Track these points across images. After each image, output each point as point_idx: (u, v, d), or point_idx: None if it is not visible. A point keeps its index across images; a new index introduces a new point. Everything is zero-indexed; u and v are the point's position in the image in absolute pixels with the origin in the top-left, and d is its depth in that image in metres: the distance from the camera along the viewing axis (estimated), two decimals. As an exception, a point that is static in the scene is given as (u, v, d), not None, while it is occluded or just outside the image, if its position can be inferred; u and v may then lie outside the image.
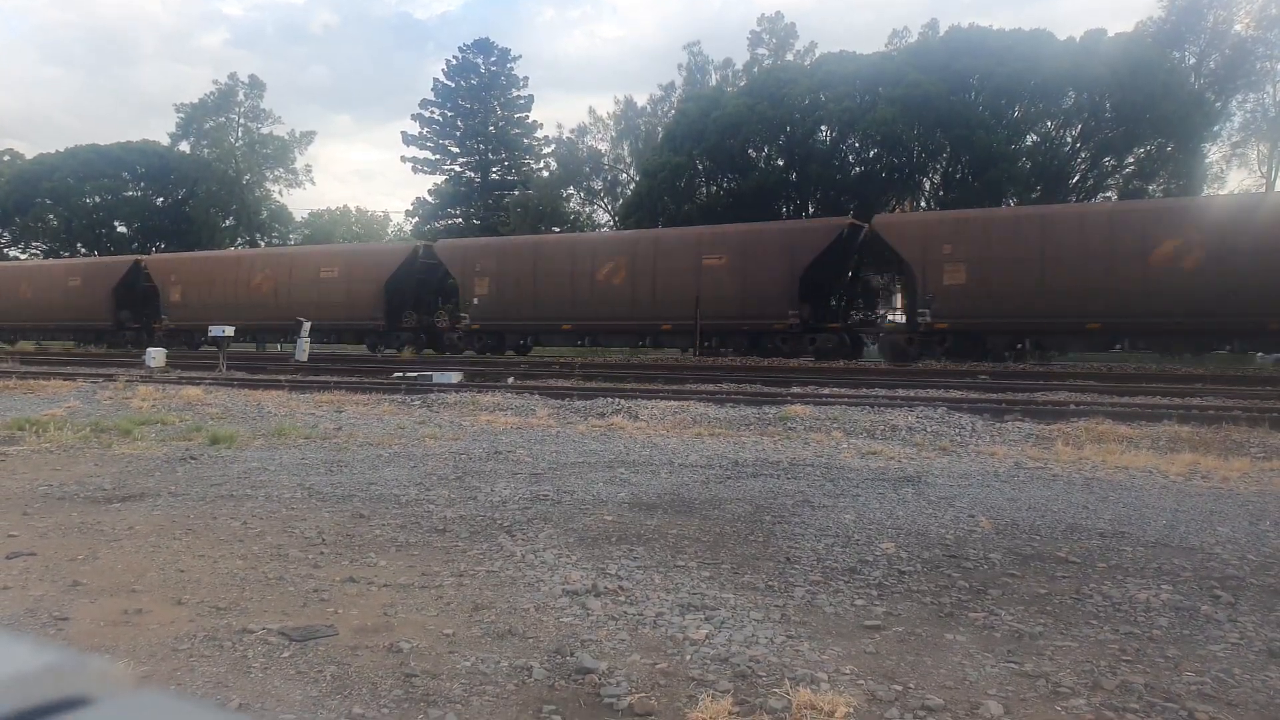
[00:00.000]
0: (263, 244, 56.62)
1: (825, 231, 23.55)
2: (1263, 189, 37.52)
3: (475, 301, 26.68)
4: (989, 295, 20.38)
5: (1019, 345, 21.30)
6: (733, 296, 23.42)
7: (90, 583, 3.99)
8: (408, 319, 28.81)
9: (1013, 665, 3.08)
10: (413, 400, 12.86)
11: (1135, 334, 20.10)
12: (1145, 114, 32.74)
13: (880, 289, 28.34)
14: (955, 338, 21.16)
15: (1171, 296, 18.60)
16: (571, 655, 3.13)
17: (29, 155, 60.70)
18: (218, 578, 4.08)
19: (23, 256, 55.66)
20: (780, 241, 23.68)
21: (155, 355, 20.25)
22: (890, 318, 27.17)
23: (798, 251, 22.98)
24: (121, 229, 57.90)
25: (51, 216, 56.92)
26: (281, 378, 16.44)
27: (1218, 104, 37.04)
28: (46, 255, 53.70)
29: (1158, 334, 19.86)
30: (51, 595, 3.81)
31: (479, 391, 13.68)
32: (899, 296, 28.10)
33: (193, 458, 7.62)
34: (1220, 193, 31.71)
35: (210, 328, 21.57)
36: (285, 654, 3.15)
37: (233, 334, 21.65)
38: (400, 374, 17.50)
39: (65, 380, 16.27)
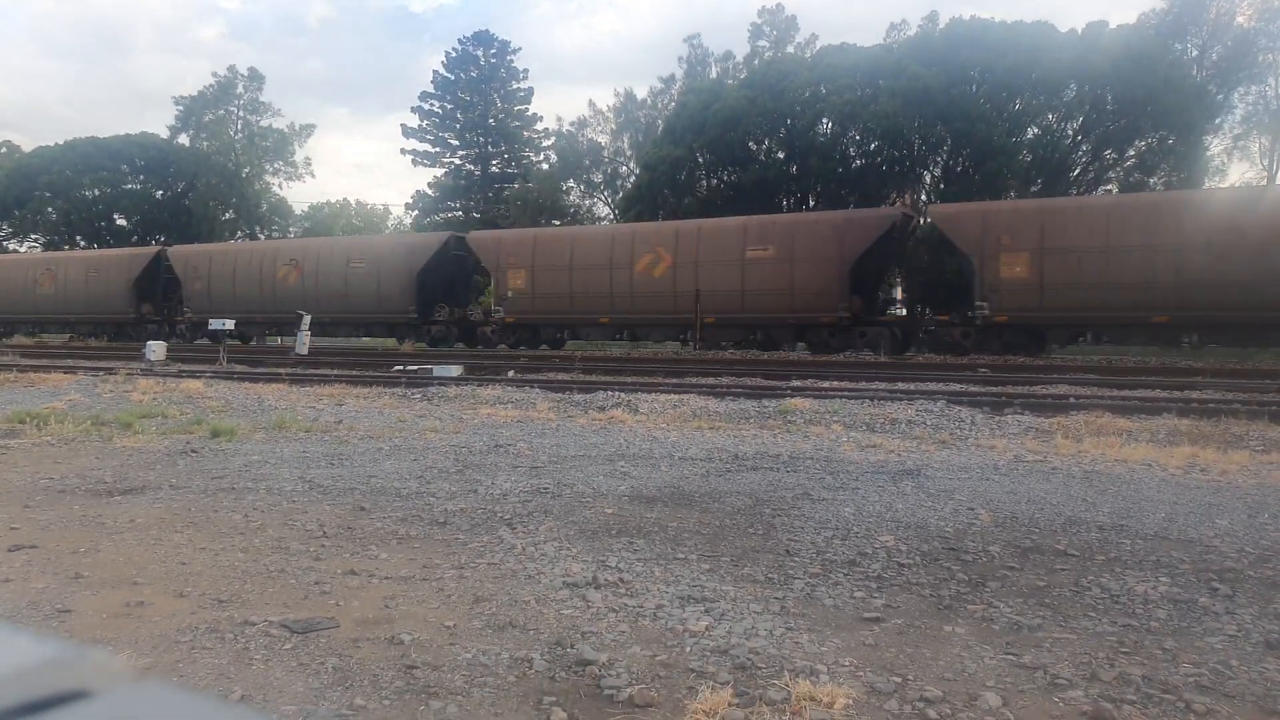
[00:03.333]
0: (262, 236, 56.55)
1: (877, 222, 22.83)
2: (1264, 182, 37.47)
3: (509, 294, 25.80)
4: (1050, 287, 19.88)
5: (1081, 338, 20.94)
6: (780, 290, 22.78)
7: (92, 575, 4.00)
8: (440, 312, 27.96)
9: (1011, 657, 3.09)
10: (413, 393, 12.87)
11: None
12: (1147, 106, 32.66)
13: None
14: (1013, 331, 20.79)
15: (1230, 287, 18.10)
16: (572, 647, 3.14)
17: (27, 148, 60.69)
18: (219, 570, 4.09)
19: (22, 249, 55.58)
20: (830, 232, 22.88)
21: (155, 348, 20.23)
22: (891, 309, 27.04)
23: (848, 242, 22.23)
24: (121, 222, 57.80)
25: (51, 209, 56.81)
26: (282, 371, 16.45)
27: (1219, 96, 36.94)
28: (46, 248, 53.59)
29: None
30: (53, 588, 3.82)
31: (479, 385, 13.69)
32: (898, 289, 28.05)
33: (193, 451, 7.63)
34: (1223, 185, 31.39)
35: (210, 321, 21.59)
36: (287, 646, 3.16)
37: (233, 328, 21.67)
38: (401, 367, 17.50)
39: (65, 373, 16.27)
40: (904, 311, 25.84)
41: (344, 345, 29.60)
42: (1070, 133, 36.64)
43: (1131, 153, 36.11)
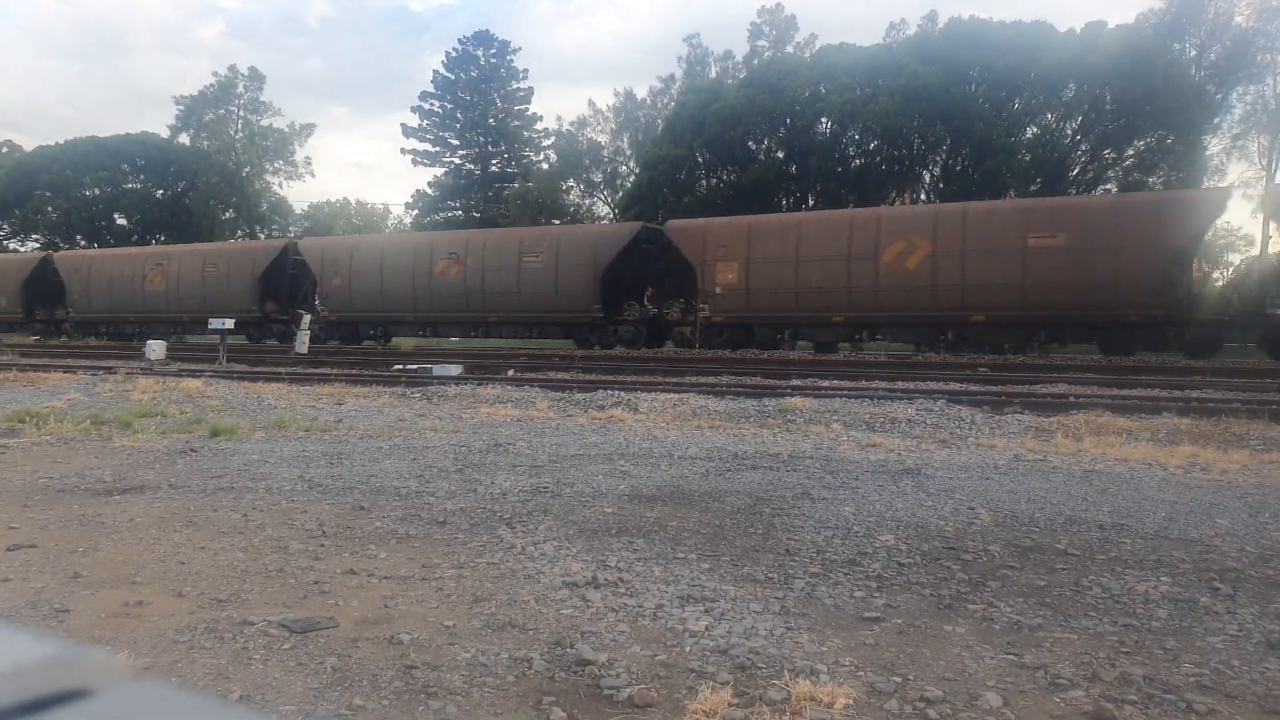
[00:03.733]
0: (262, 236, 56.53)
1: (621, 236, 25.37)
2: (1263, 181, 37.49)
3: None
4: (755, 292, 22.92)
5: (779, 336, 23.22)
6: (548, 293, 24.91)
7: (91, 575, 4.00)
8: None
9: (1012, 657, 3.09)
10: (413, 393, 12.87)
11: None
12: (1145, 106, 32.68)
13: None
14: (730, 329, 23.45)
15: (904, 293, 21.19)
16: (571, 647, 3.13)
17: (28, 147, 60.69)
18: (218, 570, 4.09)
19: (22, 249, 55.54)
20: (587, 244, 25.33)
21: (155, 348, 20.23)
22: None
23: (600, 252, 24.83)
24: (121, 221, 57.82)
25: (51, 209, 56.81)
26: (281, 370, 16.45)
27: (1218, 96, 36.98)
28: (45, 248, 53.54)
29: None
30: (52, 587, 3.82)
31: (479, 384, 13.68)
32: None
33: (193, 450, 7.63)
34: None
35: (210, 320, 21.58)
36: (286, 646, 3.16)
37: (232, 326, 21.67)
38: (400, 366, 17.50)
39: (65, 372, 16.26)
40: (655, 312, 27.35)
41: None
42: (1069, 132, 36.68)
43: (1130, 152, 36.15)
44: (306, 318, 23.31)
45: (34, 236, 58.61)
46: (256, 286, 30.15)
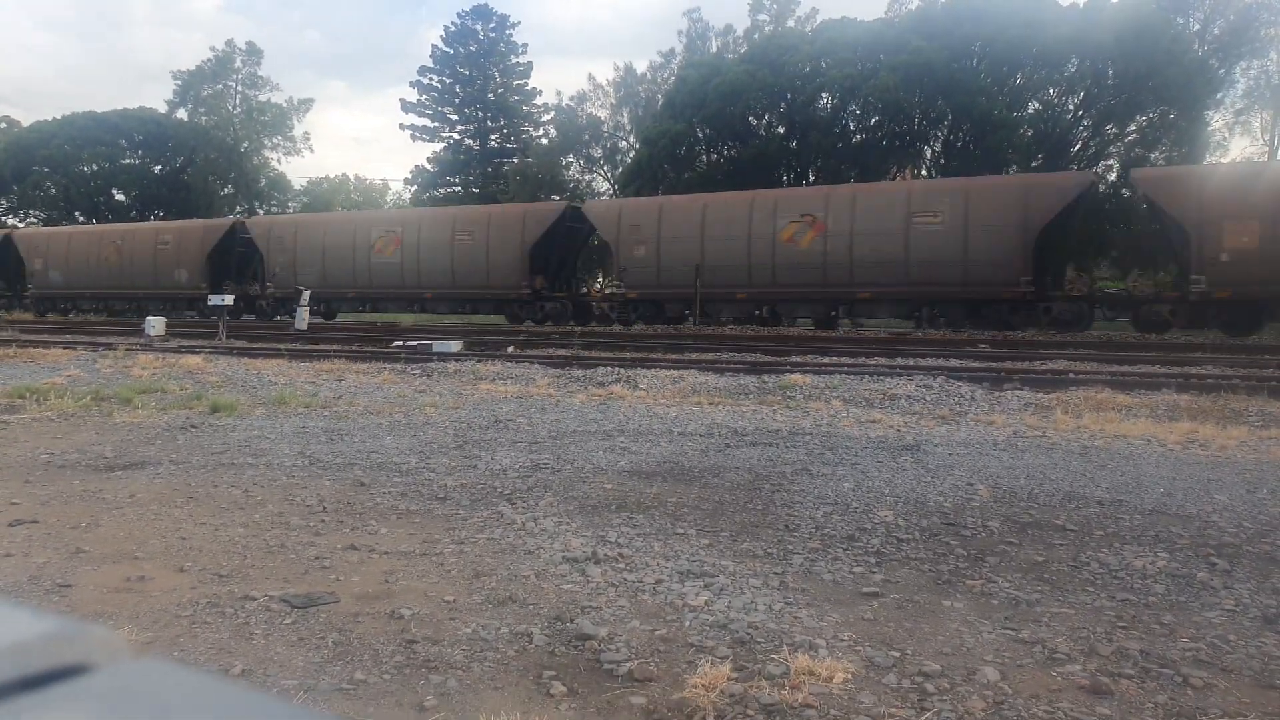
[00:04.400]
0: (261, 212, 56.28)
1: (545, 215, 25.61)
2: (1265, 157, 37.28)
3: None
4: (665, 269, 23.81)
5: (686, 312, 24.26)
6: (479, 269, 25.66)
7: (93, 550, 4.01)
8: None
9: (1009, 632, 3.11)
10: (413, 369, 12.87)
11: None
12: (1148, 81, 32.40)
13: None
14: (643, 304, 24.55)
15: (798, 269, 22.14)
16: (571, 622, 3.15)
17: (25, 123, 60.22)
18: (219, 545, 4.10)
19: (21, 225, 55.32)
20: (515, 223, 25.96)
21: (155, 324, 20.22)
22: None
23: (528, 229, 25.40)
24: (120, 197, 57.54)
25: (49, 184, 56.51)
26: (281, 346, 16.44)
27: (1221, 71, 36.65)
28: (45, 224, 53.31)
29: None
30: (54, 563, 3.83)
31: (479, 360, 13.68)
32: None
33: (193, 426, 7.64)
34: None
35: (209, 297, 21.54)
36: (287, 621, 3.17)
37: (232, 303, 21.62)
38: (400, 343, 17.49)
39: (65, 349, 16.26)
40: (585, 290, 28.83)
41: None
42: (1071, 107, 36.40)
43: (1133, 128, 35.88)
44: (306, 294, 23.25)
45: (32, 212, 58.36)
46: (205, 264, 30.93)
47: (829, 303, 22.73)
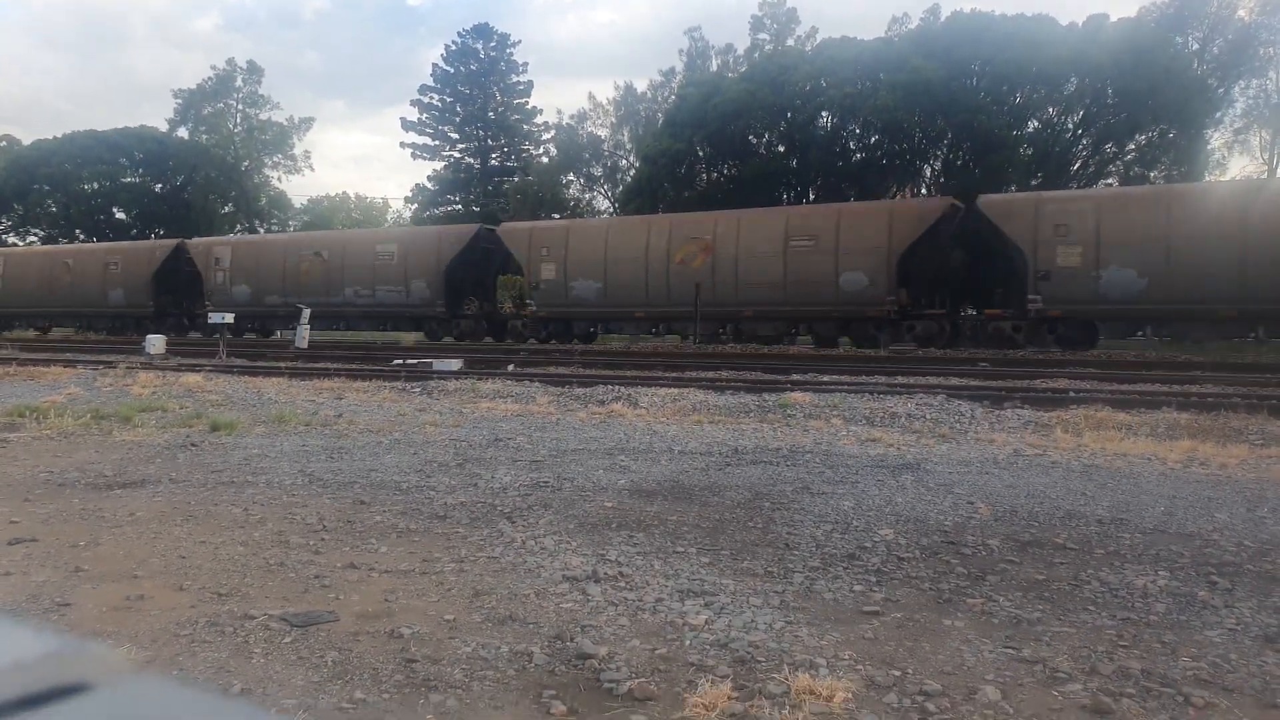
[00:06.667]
0: (261, 230, 56.46)
1: (459, 237, 27.25)
2: (1264, 175, 37.42)
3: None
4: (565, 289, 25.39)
5: (592, 329, 26.45)
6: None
7: (92, 569, 4.01)
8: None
9: (1010, 651, 3.10)
10: (413, 387, 12.87)
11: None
12: (1147, 100, 32.60)
13: None
14: (552, 323, 26.02)
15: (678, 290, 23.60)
16: (572, 641, 3.14)
17: (26, 141, 60.55)
18: (219, 564, 4.10)
19: (21, 244, 55.50)
20: (432, 245, 27.77)
21: (154, 342, 20.24)
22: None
23: (444, 250, 27.36)
24: (120, 215, 57.75)
25: (50, 203, 56.73)
26: (282, 365, 16.44)
27: (1220, 90, 36.88)
28: (45, 242, 53.49)
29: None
30: (54, 581, 3.83)
31: (479, 379, 13.68)
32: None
33: (193, 444, 7.63)
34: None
35: (210, 314, 21.58)
36: (287, 640, 3.17)
37: (232, 320, 21.67)
38: (400, 361, 17.50)
39: (65, 367, 16.26)
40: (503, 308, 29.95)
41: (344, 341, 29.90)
42: (1071, 126, 36.59)
43: (1132, 146, 36.07)
44: (306, 312, 23.29)
45: (34, 230, 58.55)
46: (151, 283, 32.52)
47: (719, 320, 23.89)
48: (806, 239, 22.33)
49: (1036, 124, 36.38)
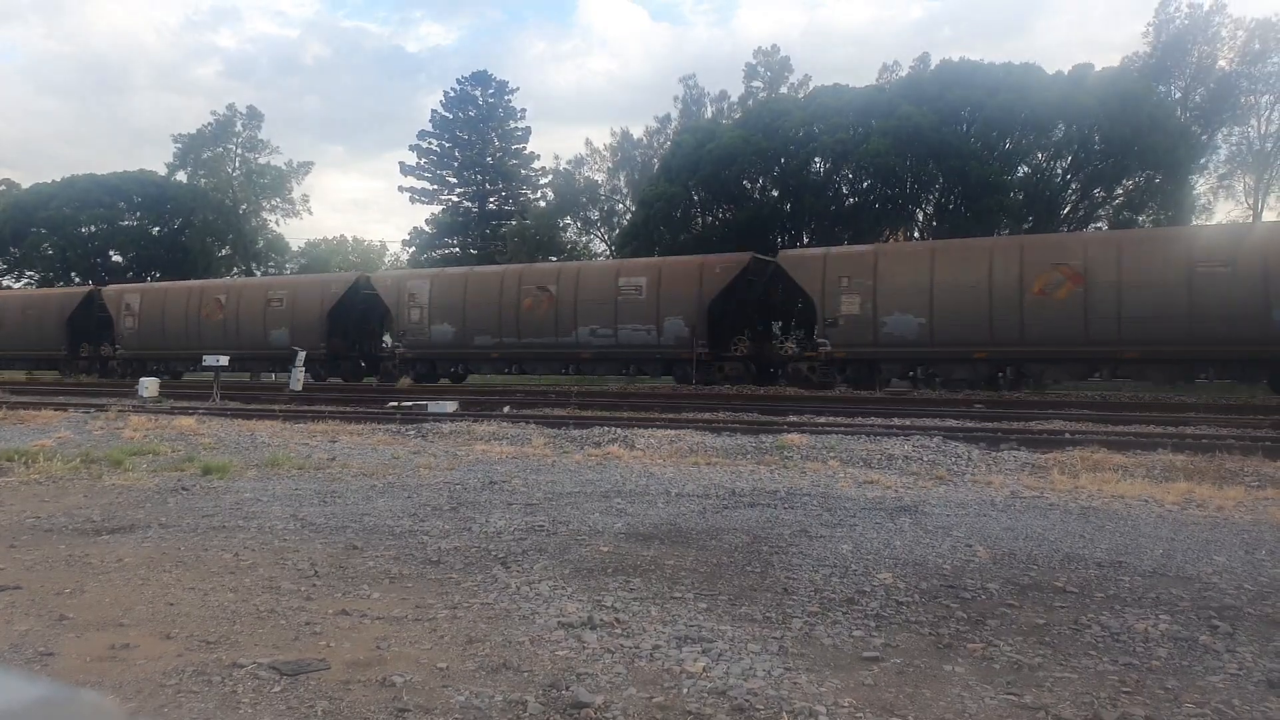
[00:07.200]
0: (259, 273, 56.65)
1: (341, 285, 29.56)
2: (1250, 219, 37.93)
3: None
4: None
5: (453, 369, 28.40)
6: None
7: (77, 617, 3.94)
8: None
9: (1012, 697, 3.05)
10: (407, 430, 12.81)
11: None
12: (1133, 146, 33.14)
13: None
14: (420, 363, 28.23)
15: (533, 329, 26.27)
16: (567, 689, 3.09)
17: (25, 184, 60.96)
18: (208, 611, 4.03)
19: (16, 286, 55.58)
20: (317, 292, 30.42)
21: (148, 385, 20.17)
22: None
23: (326, 299, 29.68)
24: (117, 258, 57.94)
25: (47, 246, 56.92)
26: (275, 407, 16.38)
27: (1203, 137, 37.54)
28: (41, 284, 53.53)
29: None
30: (37, 630, 3.76)
31: (474, 421, 13.64)
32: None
33: (184, 488, 7.57)
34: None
35: (205, 357, 21.54)
36: (276, 689, 3.10)
37: (227, 363, 21.62)
38: (395, 404, 17.45)
39: (56, 410, 16.18)
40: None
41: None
42: (1060, 171, 37.12)
43: (1120, 191, 36.56)
44: (301, 354, 23.27)
45: (29, 273, 58.65)
46: (65, 327, 34.35)
47: (563, 361, 26.49)
48: (633, 289, 25.06)
49: (1026, 169, 36.90)
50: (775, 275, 24.91)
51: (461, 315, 27.34)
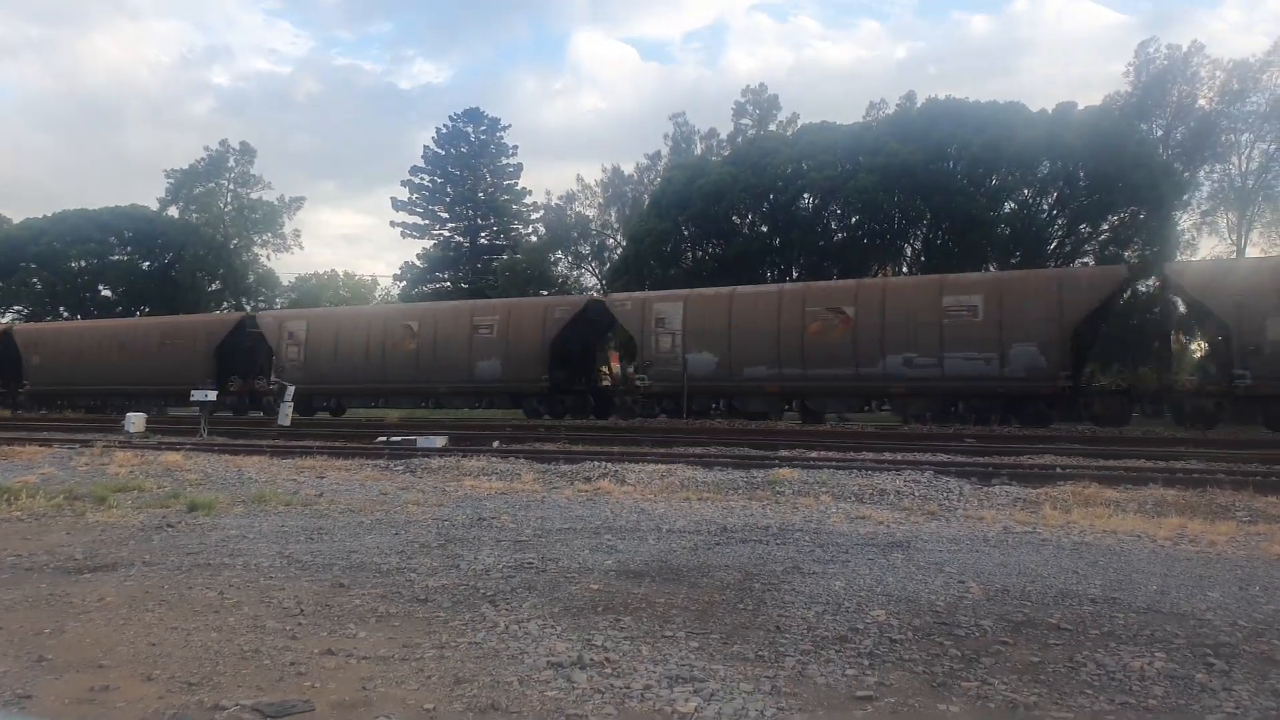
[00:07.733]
0: (249, 308, 56.54)
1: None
2: (1234, 255, 38.39)
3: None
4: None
5: (326, 404, 30.21)
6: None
7: (56, 658, 3.86)
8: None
9: (1009, 738, 3.00)
10: (396, 465, 12.72)
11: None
12: (1117, 183, 33.60)
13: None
14: (321, 396, 29.81)
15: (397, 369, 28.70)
16: (556, 731, 3.03)
17: (16, 219, 60.83)
18: (190, 651, 3.96)
19: (4, 320, 55.27)
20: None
21: (134, 420, 19.99)
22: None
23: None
24: (106, 293, 57.76)
25: (36, 280, 56.74)
26: (263, 443, 16.25)
27: (1185, 174, 38.08)
28: (29, 319, 53.27)
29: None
30: (15, 671, 3.67)
31: (464, 456, 13.55)
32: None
33: (169, 525, 7.47)
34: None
35: (193, 392, 21.39)
36: (258, 732, 3.03)
37: (215, 398, 21.47)
38: (384, 439, 17.34)
39: (41, 445, 16.01)
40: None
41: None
42: (1046, 207, 37.57)
43: (1106, 227, 36.99)
44: (290, 389, 23.14)
45: (16, 308, 58.37)
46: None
47: (423, 395, 29.36)
48: (487, 329, 27.42)
49: (1013, 205, 37.32)
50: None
51: (334, 352, 29.22)
